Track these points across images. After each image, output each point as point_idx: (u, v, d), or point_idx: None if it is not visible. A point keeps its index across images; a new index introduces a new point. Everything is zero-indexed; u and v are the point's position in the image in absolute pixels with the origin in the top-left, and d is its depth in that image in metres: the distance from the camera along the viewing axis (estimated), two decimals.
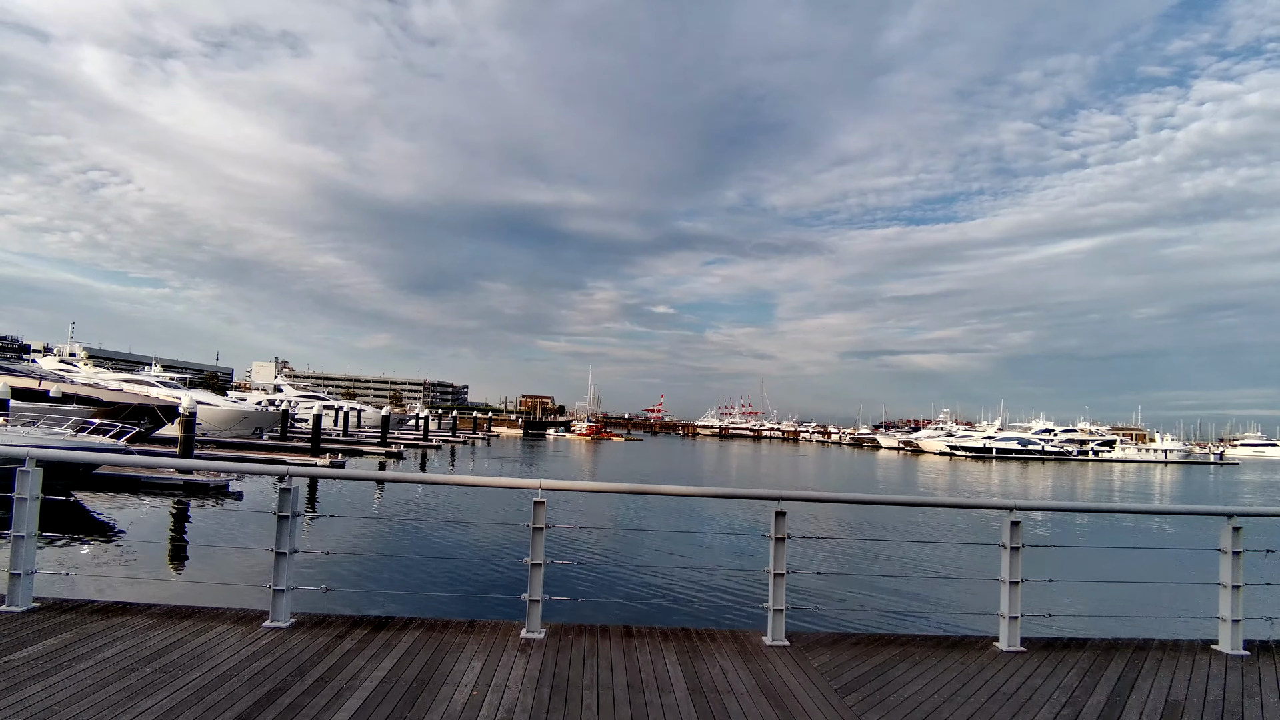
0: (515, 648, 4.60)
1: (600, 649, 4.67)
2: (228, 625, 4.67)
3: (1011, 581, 5.15)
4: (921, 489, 42.42)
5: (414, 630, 4.82)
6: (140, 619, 4.66)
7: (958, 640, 5.34)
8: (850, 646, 5.04)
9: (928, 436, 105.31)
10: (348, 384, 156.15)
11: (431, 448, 52.95)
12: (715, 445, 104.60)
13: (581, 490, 5.30)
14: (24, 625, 4.38)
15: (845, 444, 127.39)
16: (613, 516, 21.07)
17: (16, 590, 4.64)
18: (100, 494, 20.47)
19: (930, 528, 21.03)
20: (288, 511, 4.76)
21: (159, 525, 17.51)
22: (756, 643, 4.98)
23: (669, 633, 5.10)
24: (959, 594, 12.31)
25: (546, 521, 4.88)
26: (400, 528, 17.25)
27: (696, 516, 21.85)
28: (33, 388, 29.30)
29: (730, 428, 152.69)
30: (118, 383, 38.52)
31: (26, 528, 4.63)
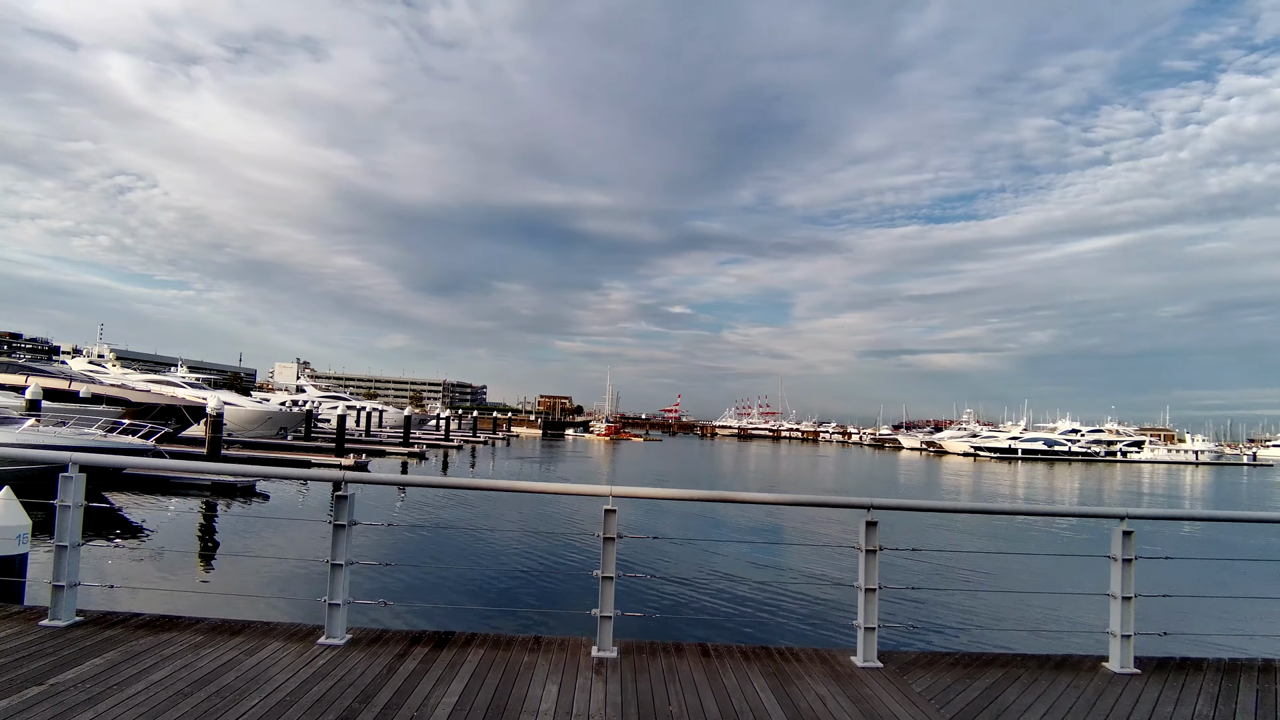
0: (589, 669, 4.24)
1: (679, 670, 4.30)
2: (280, 642, 4.36)
3: (1124, 597, 4.71)
4: (947, 491, 41.64)
5: (477, 648, 4.47)
6: (188, 635, 4.37)
7: (1062, 660, 4.91)
8: (948, 667, 4.63)
9: (951, 437, 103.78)
10: (368, 384, 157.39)
11: (453, 448, 52.91)
12: (734, 446, 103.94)
13: (654, 498, 4.94)
14: (68, 642, 4.10)
15: (866, 444, 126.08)
16: (679, 525, 20.13)
17: (60, 603, 4.37)
18: (128, 494, 20.48)
19: (1008, 538, 20.19)
20: (344, 520, 4.44)
21: (191, 528, 17.39)
22: (847, 664, 4.59)
23: (749, 652, 4.72)
24: (1054, 609, 11.44)
25: (618, 531, 4.52)
26: (448, 535, 16.71)
27: (766, 525, 21.00)
28: (63, 389, 29.51)
29: (749, 428, 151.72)
30: (145, 383, 38.82)
31: (70, 536, 4.35)
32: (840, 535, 18.79)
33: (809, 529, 20.43)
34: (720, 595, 11.73)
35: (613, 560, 4.49)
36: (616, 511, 4.51)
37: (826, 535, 19.24)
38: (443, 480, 4.94)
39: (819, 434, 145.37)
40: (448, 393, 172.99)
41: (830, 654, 4.76)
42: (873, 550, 4.58)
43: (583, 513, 20.76)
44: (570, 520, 20.10)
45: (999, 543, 19.25)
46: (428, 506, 21.65)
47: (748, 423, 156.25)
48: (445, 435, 56.22)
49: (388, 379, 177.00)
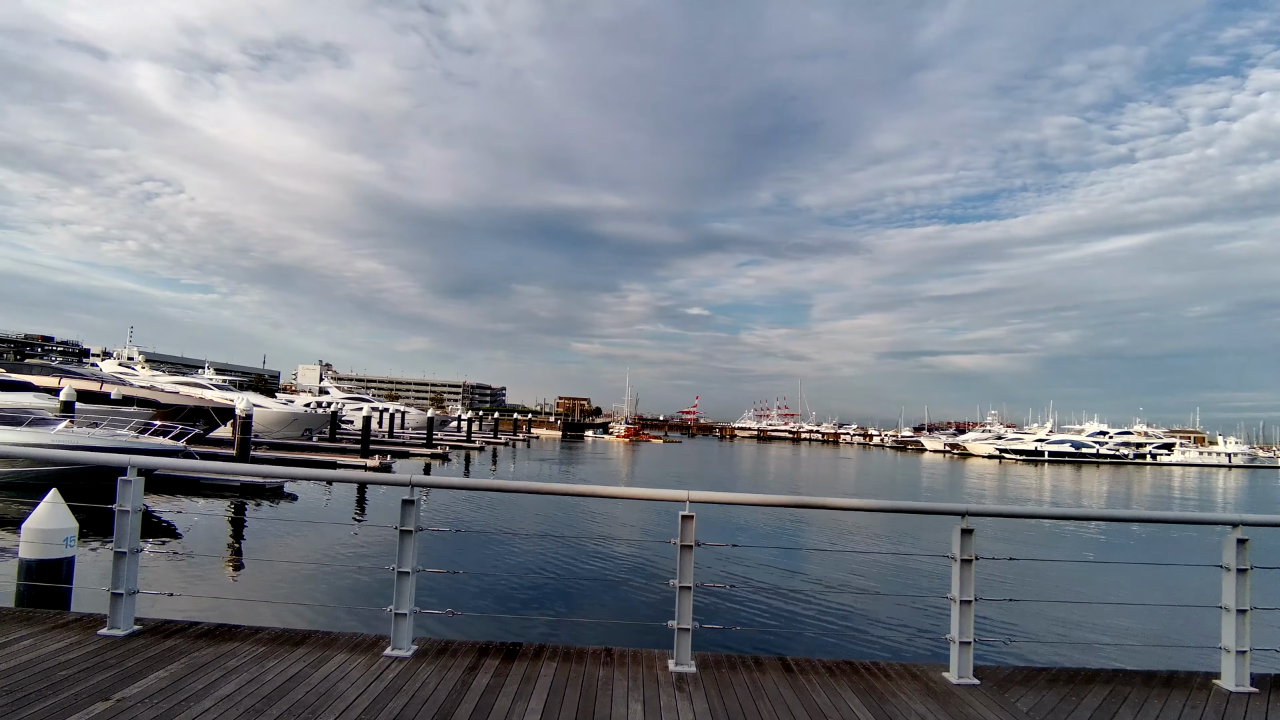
0: (669, 684, 3.99)
1: (764, 686, 4.04)
2: (345, 654, 4.15)
3: (1239, 610, 4.38)
4: (971, 494, 40.88)
5: (549, 660, 4.25)
6: (250, 645, 4.18)
7: (1169, 677, 4.58)
8: (1049, 685, 4.33)
9: (975, 439, 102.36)
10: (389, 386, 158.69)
11: (475, 449, 52.97)
12: (754, 448, 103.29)
13: (734, 503, 4.69)
14: (130, 652, 3.92)
15: (888, 446, 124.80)
16: (750, 531, 19.27)
17: (119, 612, 4.20)
18: (156, 494, 20.59)
19: (1099, 545, 19.58)
20: (410, 526, 4.23)
21: (226, 529, 17.40)
22: (940, 680, 4.30)
23: (834, 666, 4.44)
24: (1157, 621, 10.77)
25: (696, 539, 4.27)
26: (505, 541, 16.17)
27: (842, 531, 20.15)
28: (95, 390, 29.86)
29: (768, 430, 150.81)
30: (173, 385, 39.23)
31: (129, 543, 4.19)
32: (923, 543, 18.22)
33: (889, 536, 19.71)
34: (796, 606, 11.15)
35: (690, 569, 4.24)
36: (694, 517, 4.27)
37: (908, 543, 18.61)
38: (512, 485, 4.73)
39: (839, 436, 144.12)
40: (467, 394, 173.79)
41: (920, 669, 4.47)
42: (968, 560, 4.29)
43: (650, 518, 20.46)
44: (636, 525, 19.74)
45: (1091, 550, 18.51)
46: (477, 509, 21.13)
47: (767, 424, 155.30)
48: (467, 436, 56.31)
49: (408, 381, 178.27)
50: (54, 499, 5.40)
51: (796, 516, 21.33)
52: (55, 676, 3.51)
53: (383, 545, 14.64)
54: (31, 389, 26.73)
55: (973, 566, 4.31)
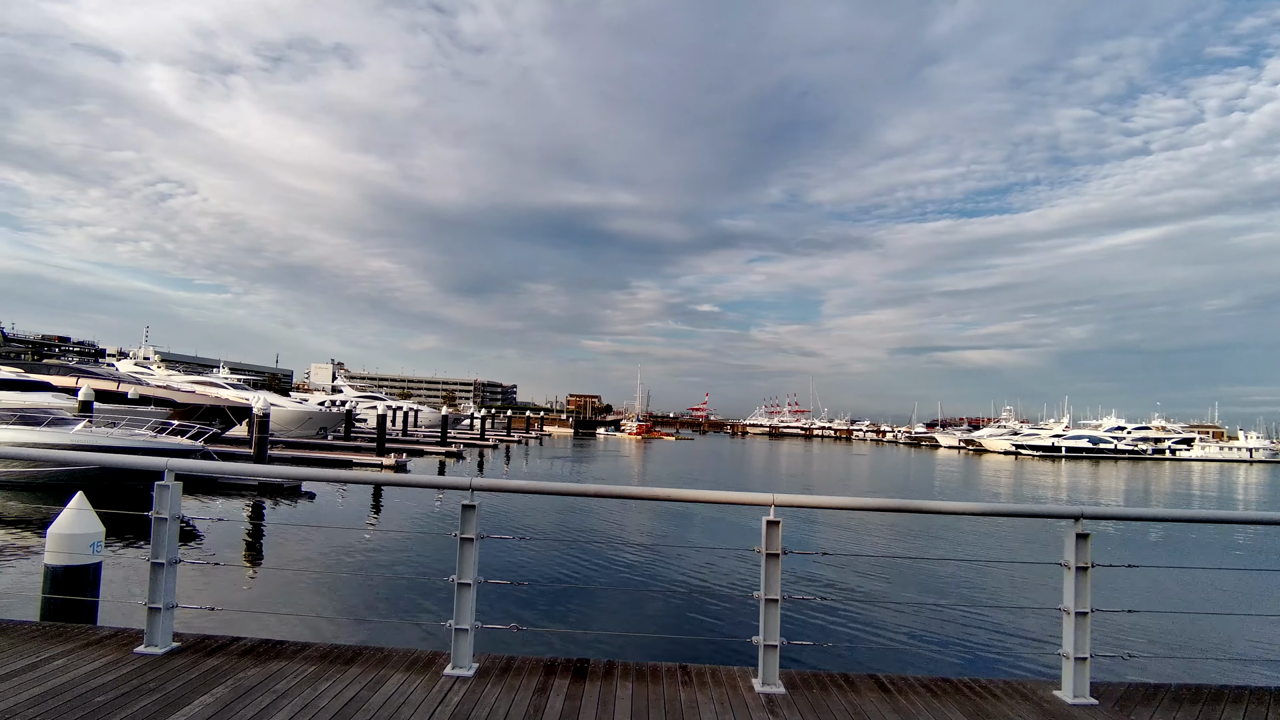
0: (760, 707, 3.62)
1: (864, 709, 3.65)
2: (402, 673, 3.80)
3: None
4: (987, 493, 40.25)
5: (623, 680, 3.88)
6: (298, 664, 3.83)
7: None
8: (1173, 703, 3.92)
9: (990, 435, 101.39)
10: (401, 384, 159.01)
11: (489, 447, 52.79)
12: (766, 444, 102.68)
13: (821, 507, 4.30)
14: (171, 674, 3.58)
15: (902, 443, 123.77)
16: (837, 535, 18.38)
17: (156, 628, 3.86)
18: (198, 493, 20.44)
19: (1209, 548, 18.79)
20: (471, 533, 3.87)
21: (252, 531, 17.16)
22: (1054, 700, 3.90)
23: (935, 685, 4.05)
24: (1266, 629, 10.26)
25: (783, 547, 3.88)
26: (561, 546, 15.26)
27: (930, 536, 18.97)
28: (112, 390, 29.78)
29: (780, 426, 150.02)
30: (189, 385, 39.20)
31: (168, 553, 3.85)
32: (1024, 547, 17.59)
33: (986, 541, 18.79)
34: (888, 618, 10.50)
35: (776, 579, 3.86)
36: (780, 523, 3.88)
37: (1007, 548, 17.94)
38: (579, 488, 4.35)
39: (852, 432, 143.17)
40: (479, 392, 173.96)
41: (1030, 687, 4.07)
42: (1084, 567, 3.89)
43: (724, 522, 19.83)
44: (709, 531, 19.07)
45: (1204, 555, 17.71)
46: (528, 513, 19.81)
47: (779, 421, 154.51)
48: (480, 435, 56.14)
49: (420, 379, 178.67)
50: (80, 503, 5.09)
51: (883, 521, 20.24)
52: (93, 702, 3.18)
53: (417, 548, 14.16)
54: (50, 389, 26.65)
55: (1089, 574, 3.91)
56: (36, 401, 23.97)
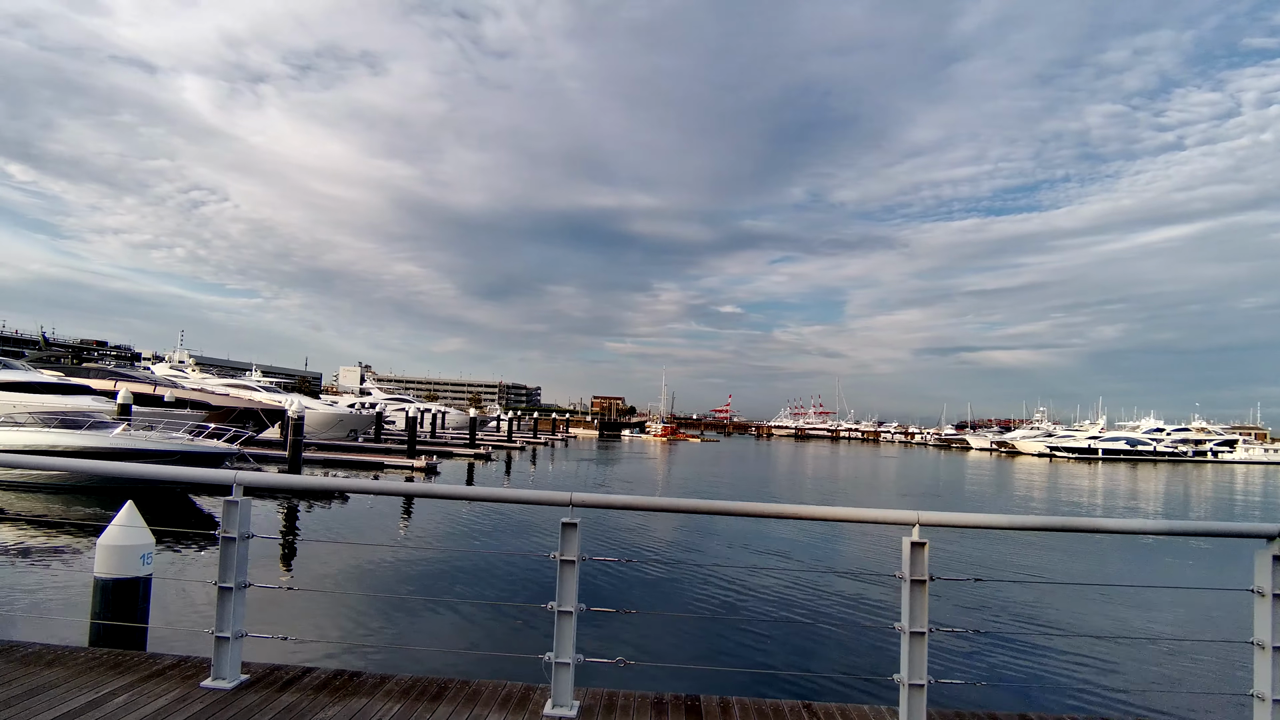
0: None
1: None
2: (497, 711, 3.35)
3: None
4: (1020, 499, 39.03)
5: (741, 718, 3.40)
6: (381, 701, 3.41)
7: None
8: None
9: (1023, 437, 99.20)
10: (428, 387, 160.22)
11: (516, 449, 52.67)
12: (792, 447, 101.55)
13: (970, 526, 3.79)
14: (244, 712, 3.18)
15: (931, 445, 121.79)
16: (978, 558, 16.57)
17: (225, 660, 3.46)
18: (211, 495, 20.34)
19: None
20: (573, 555, 3.41)
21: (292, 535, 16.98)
22: None
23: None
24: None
25: (930, 572, 3.37)
26: (659, 567, 13.98)
27: (1071, 555, 17.41)
28: (149, 393, 30.05)
29: (806, 428, 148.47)
30: (223, 388, 39.52)
31: (237, 576, 3.46)
32: (1177, 567, 16.53)
33: (1167, 564, 17.18)
34: (1045, 650, 9.30)
35: (924, 609, 3.36)
36: (926, 545, 3.38)
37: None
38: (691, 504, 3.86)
39: (880, 434, 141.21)
40: (503, 394, 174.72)
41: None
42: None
43: (849, 539, 18.78)
44: (834, 550, 17.84)
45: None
46: (619, 530, 18.11)
47: (804, 423, 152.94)
48: (508, 437, 56.08)
49: (446, 381, 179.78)
50: (130, 512, 4.75)
51: (1022, 539, 18.61)
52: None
53: (501, 567, 13.25)
54: (89, 392, 26.89)
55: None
56: (77, 405, 24.15)
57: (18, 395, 24.28)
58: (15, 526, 15.02)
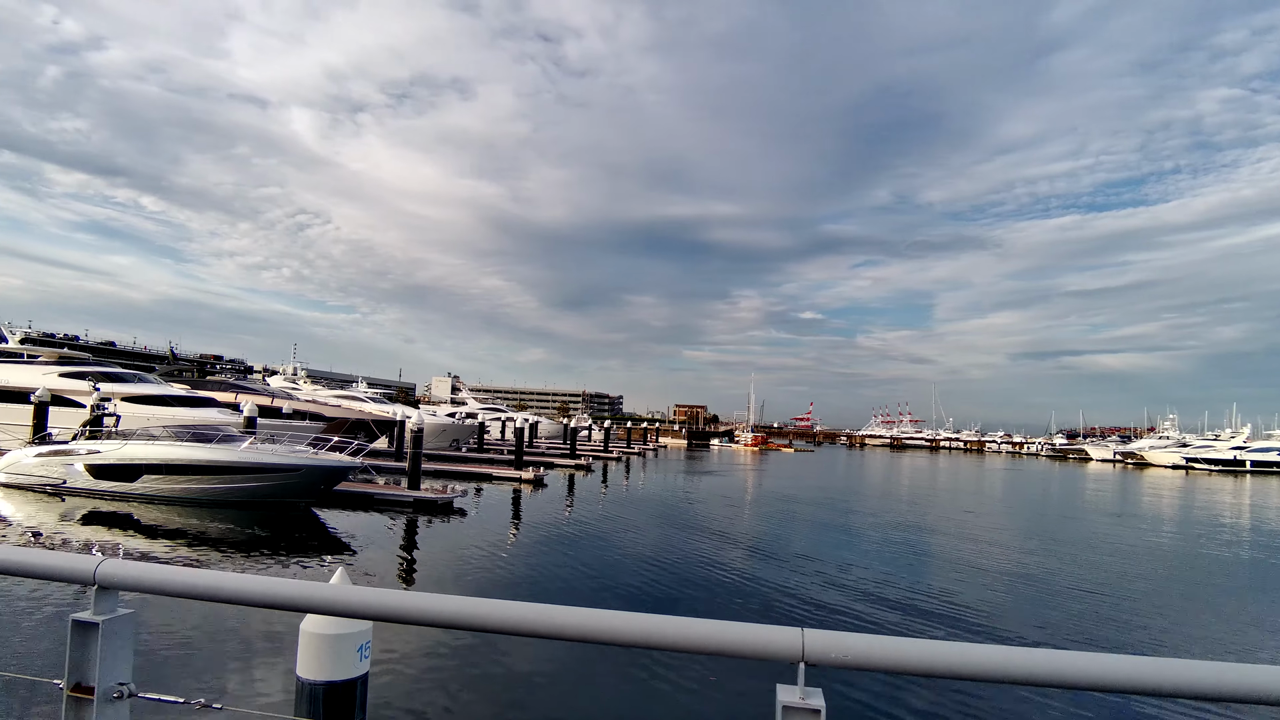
0: None
1: None
2: None
3: None
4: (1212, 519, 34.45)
5: None
6: None
7: None
8: None
9: (1153, 446, 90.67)
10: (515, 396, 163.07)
11: (612, 459, 51.66)
12: (888, 457, 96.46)
13: None
14: None
15: (1043, 455, 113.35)
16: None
17: None
18: (333, 509, 19.94)
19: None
20: None
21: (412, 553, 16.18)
22: None
23: None
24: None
25: None
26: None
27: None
28: (268, 405, 30.61)
29: (902, 437, 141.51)
30: (334, 399, 40.31)
31: None
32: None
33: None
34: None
35: None
36: None
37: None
38: None
39: (984, 444, 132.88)
40: (588, 403, 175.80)
41: None
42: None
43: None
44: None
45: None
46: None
47: (899, 432, 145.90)
48: (604, 447, 55.25)
49: (531, 390, 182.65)
50: (340, 578, 3.45)
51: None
52: None
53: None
54: (214, 404, 27.51)
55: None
56: (205, 417, 24.55)
57: (152, 408, 24.95)
58: None
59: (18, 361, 27.36)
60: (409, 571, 14.08)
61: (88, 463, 18.81)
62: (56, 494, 18.79)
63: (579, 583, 13.47)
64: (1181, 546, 23.17)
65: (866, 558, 18.02)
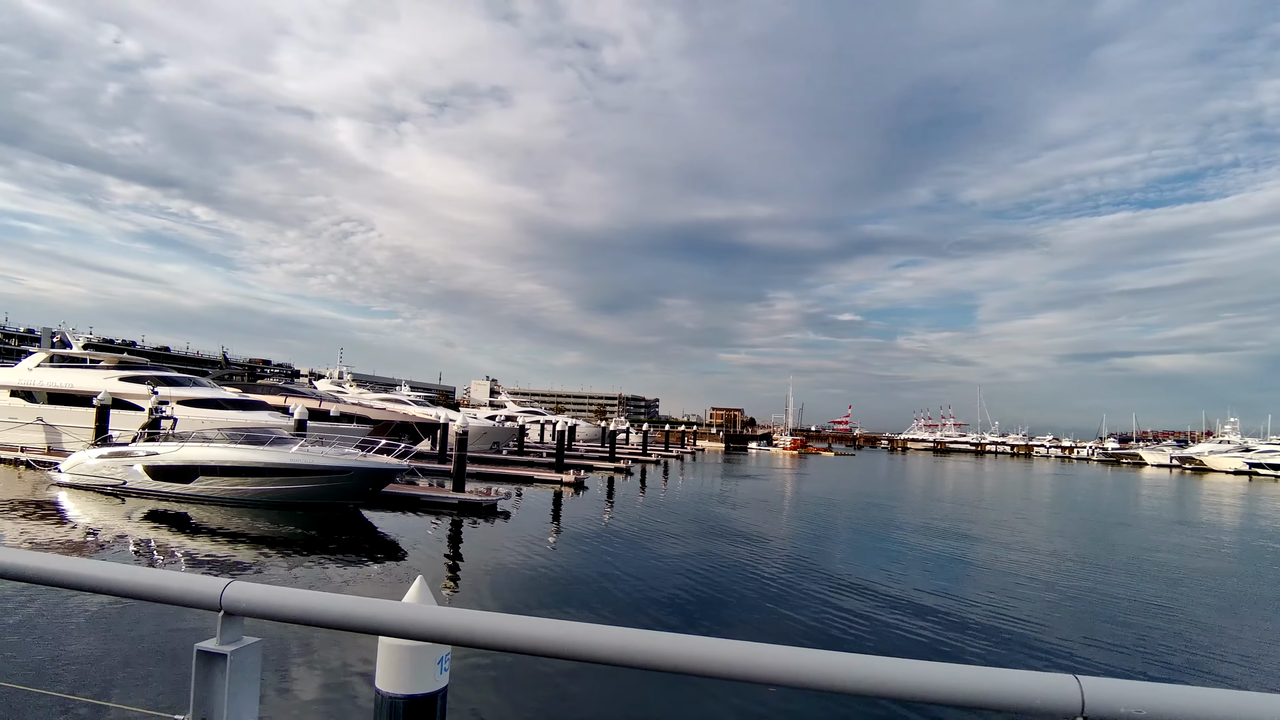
0: None
1: None
2: None
3: None
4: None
5: None
6: None
7: None
8: None
9: (1213, 451, 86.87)
10: (551, 399, 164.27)
11: (651, 463, 51.49)
12: (931, 461, 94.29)
13: None
14: None
15: (1095, 460, 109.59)
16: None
17: None
18: (380, 511, 20.15)
19: None
20: None
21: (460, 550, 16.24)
22: None
23: None
24: None
25: None
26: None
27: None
28: (316, 408, 31.22)
29: (946, 441, 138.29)
30: (380, 402, 40.99)
31: None
32: None
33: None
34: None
35: None
36: None
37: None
38: None
39: (1032, 448, 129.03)
40: (623, 406, 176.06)
41: None
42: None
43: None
44: None
45: None
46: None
47: (943, 435, 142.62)
48: (643, 450, 55.08)
49: (567, 394, 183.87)
50: (421, 592, 3.33)
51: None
52: None
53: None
54: (265, 407, 28.14)
55: None
56: (257, 420, 25.11)
57: (206, 411, 25.62)
58: None
59: (81, 366, 28.39)
60: (456, 574, 14.09)
61: (146, 464, 19.36)
62: (117, 494, 19.38)
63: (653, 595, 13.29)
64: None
65: (979, 576, 17.39)
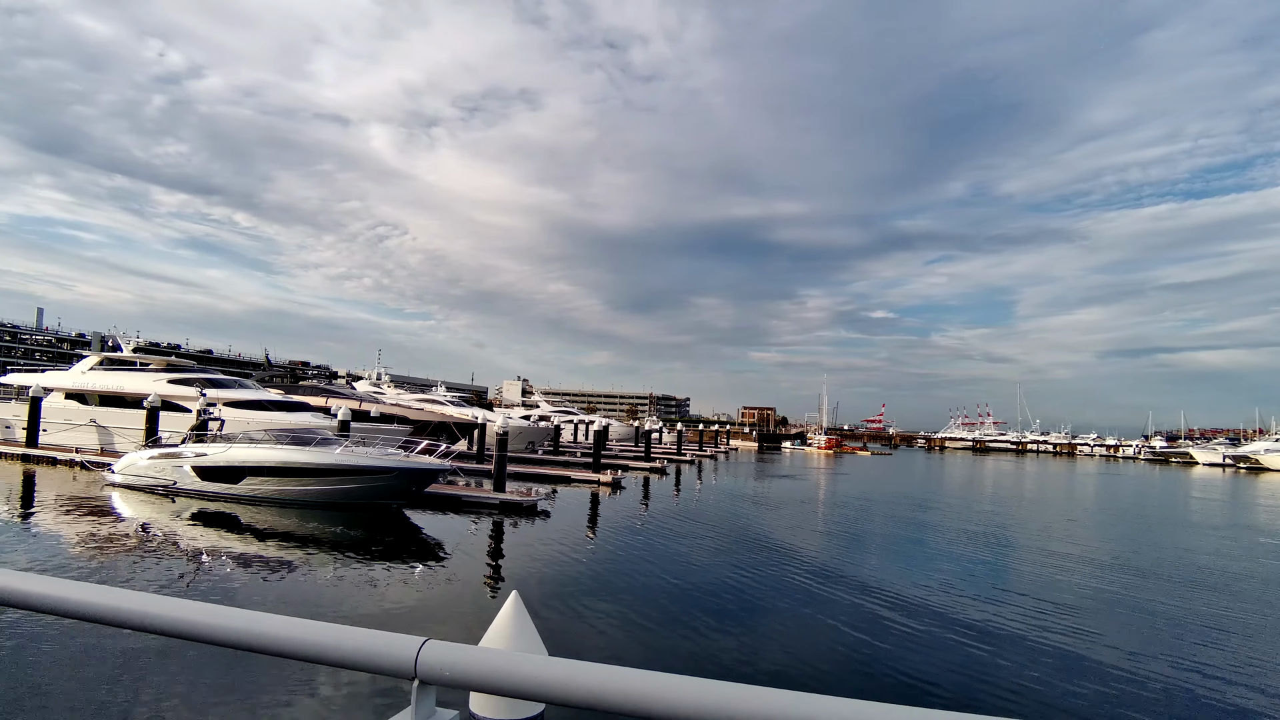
0: None
1: None
2: None
3: None
4: None
5: None
6: None
7: None
8: None
9: (1269, 450, 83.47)
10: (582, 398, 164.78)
11: (686, 462, 51.13)
12: (970, 460, 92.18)
13: None
14: None
15: (1142, 459, 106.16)
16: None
17: None
18: (421, 511, 20.19)
19: None
20: None
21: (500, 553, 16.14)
22: None
23: None
24: None
25: None
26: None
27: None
28: (356, 408, 31.56)
29: (985, 440, 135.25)
30: (417, 403, 41.37)
31: None
32: None
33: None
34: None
35: None
36: None
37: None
38: None
39: (1075, 447, 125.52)
40: (654, 405, 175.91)
41: None
42: None
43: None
44: None
45: None
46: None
47: (982, 434, 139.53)
48: (678, 450, 54.77)
49: (598, 393, 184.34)
50: (517, 611, 3.12)
51: None
52: None
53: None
54: (308, 409, 28.51)
55: None
56: (301, 421, 25.41)
57: (252, 412, 26.02)
58: None
59: (131, 369, 29.10)
60: (497, 577, 13.96)
61: (195, 465, 19.67)
62: (168, 495, 19.73)
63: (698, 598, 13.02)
64: None
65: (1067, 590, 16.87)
